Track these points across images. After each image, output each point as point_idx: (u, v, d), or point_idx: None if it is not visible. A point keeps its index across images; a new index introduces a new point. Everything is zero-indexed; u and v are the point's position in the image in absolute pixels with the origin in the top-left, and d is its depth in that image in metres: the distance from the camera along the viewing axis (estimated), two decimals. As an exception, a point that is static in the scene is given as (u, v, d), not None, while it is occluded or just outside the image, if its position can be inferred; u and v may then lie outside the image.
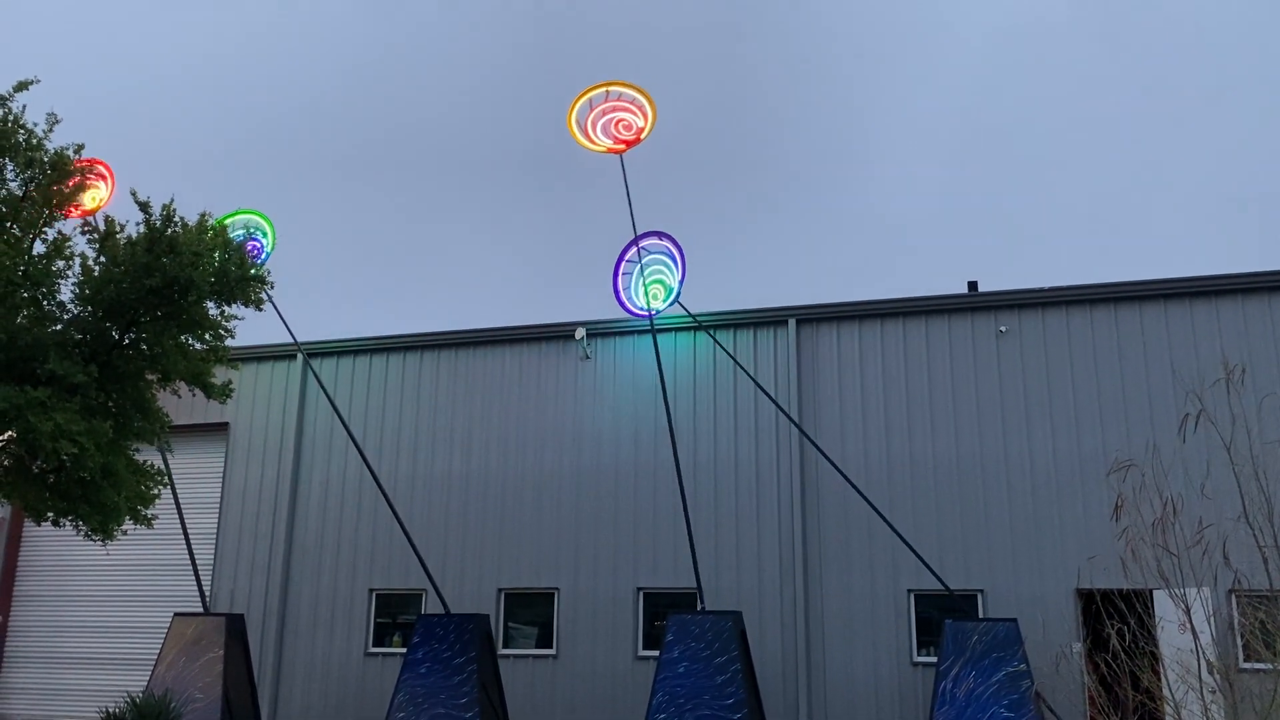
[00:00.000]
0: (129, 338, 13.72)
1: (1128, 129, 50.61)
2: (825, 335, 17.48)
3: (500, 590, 17.91)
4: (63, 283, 13.52)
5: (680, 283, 17.31)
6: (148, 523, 14.16)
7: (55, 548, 20.19)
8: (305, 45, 57.32)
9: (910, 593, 16.01)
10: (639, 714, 15.70)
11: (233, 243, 14.19)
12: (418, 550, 16.68)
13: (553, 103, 54.15)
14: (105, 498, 13.19)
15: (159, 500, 14.42)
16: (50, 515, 13.60)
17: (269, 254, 17.76)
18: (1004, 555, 15.71)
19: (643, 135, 17.33)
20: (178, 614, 17.05)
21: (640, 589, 17.29)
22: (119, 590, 20.03)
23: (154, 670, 16.46)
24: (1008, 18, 52.43)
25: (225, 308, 14.19)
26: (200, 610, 17.57)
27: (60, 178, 13.40)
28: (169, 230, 13.29)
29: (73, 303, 13.66)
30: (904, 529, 15.69)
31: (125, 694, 15.44)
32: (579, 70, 51.59)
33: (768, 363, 17.54)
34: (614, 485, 17.74)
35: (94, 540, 13.96)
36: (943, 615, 15.23)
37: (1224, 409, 7.28)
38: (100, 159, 16.63)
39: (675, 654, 14.62)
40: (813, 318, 17.57)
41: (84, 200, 16.10)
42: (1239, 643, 12.07)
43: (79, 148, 13.80)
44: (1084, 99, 51.57)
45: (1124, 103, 50.45)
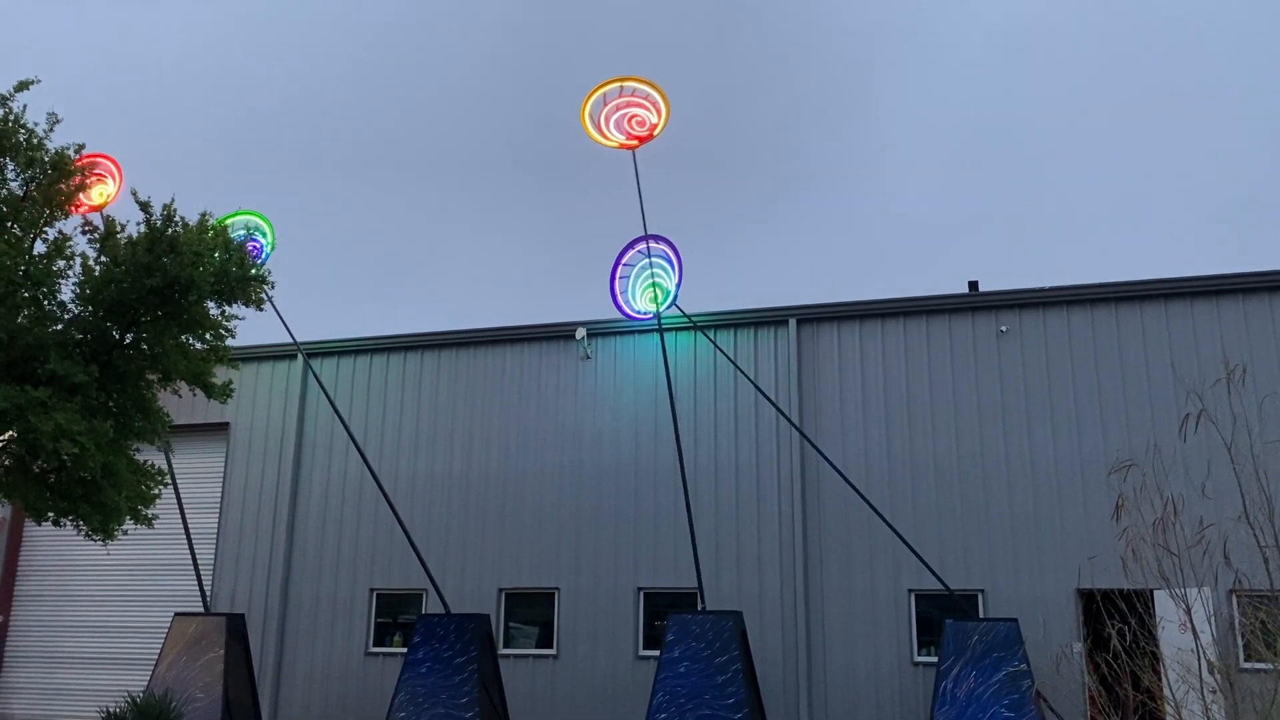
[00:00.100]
0: (129, 337, 13.72)
1: (1128, 129, 50.65)
2: (826, 335, 17.48)
3: (501, 590, 17.91)
4: (63, 282, 13.54)
5: (677, 286, 17.29)
6: (148, 522, 14.18)
7: (56, 547, 20.19)
8: (305, 45, 57.38)
9: (911, 592, 16.01)
10: (639, 714, 15.71)
11: (233, 243, 14.19)
12: (418, 550, 16.69)
13: (553, 102, 54.16)
14: (106, 497, 13.21)
15: (159, 500, 14.44)
16: (51, 515, 13.60)
17: (269, 254, 17.77)
18: (1004, 555, 15.71)
19: (656, 132, 17.20)
20: (178, 614, 17.07)
21: (641, 589, 17.29)
22: (119, 590, 20.03)
23: (155, 670, 16.47)
24: (1009, 17, 52.47)
25: (226, 308, 14.22)
26: (201, 610, 17.58)
27: (61, 177, 13.41)
28: (169, 230, 13.31)
29: (73, 302, 13.66)
30: (904, 528, 15.70)
31: (126, 694, 15.45)
32: (579, 69, 51.56)
33: (768, 362, 17.54)
34: (615, 485, 17.74)
35: (94, 540, 13.97)
36: (943, 615, 15.23)
37: (1225, 409, 7.27)
38: (108, 155, 16.72)
39: (676, 654, 14.63)
40: (813, 317, 17.57)
41: (92, 195, 16.21)
42: (1240, 643, 12.06)
43: (79, 147, 13.83)
44: (1085, 99, 51.61)
45: (1124, 103, 50.47)
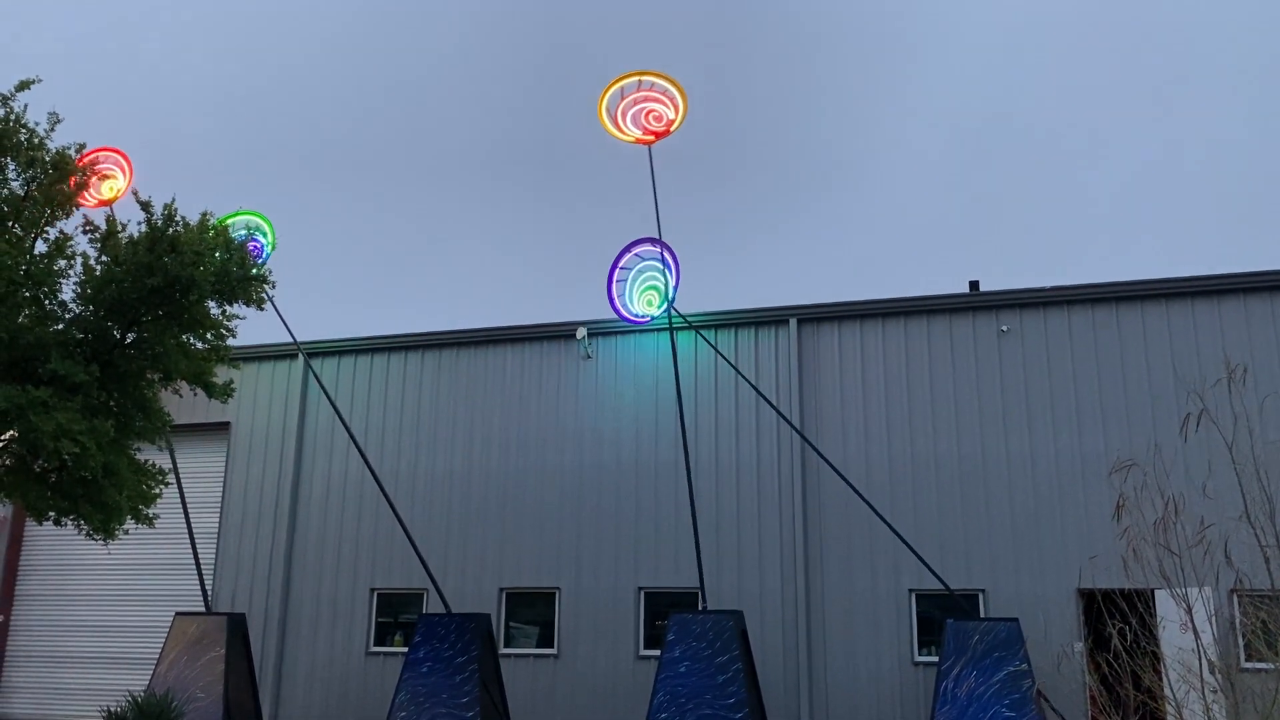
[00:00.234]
0: (130, 337, 13.74)
1: (1129, 129, 50.63)
2: (826, 335, 17.48)
3: (501, 590, 17.91)
4: (64, 282, 13.57)
5: (674, 288, 17.24)
6: (149, 522, 14.19)
7: (56, 547, 20.20)
8: (305, 45, 57.38)
9: (912, 592, 16.01)
10: (640, 713, 15.70)
11: (234, 242, 14.21)
12: (419, 550, 16.69)
13: (554, 102, 54.16)
14: (107, 497, 13.22)
15: (160, 499, 14.45)
16: (52, 514, 13.61)
17: (269, 254, 17.78)
18: (1005, 555, 15.70)
19: (672, 127, 17.15)
20: (179, 613, 17.07)
21: (641, 588, 17.29)
22: (120, 589, 20.03)
23: (155, 669, 16.47)
24: (1010, 17, 52.45)
25: (226, 307, 14.24)
26: (202, 609, 17.59)
27: (61, 177, 13.42)
28: (170, 230, 13.33)
29: (74, 302, 13.68)
30: (905, 528, 15.69)
31: (127, 693, 15.43)
32: (580, 69, 51.59)
33: (769, 362, 17.54)
34: (615, 485, 17.74)
35: (95, 540, 13.99)
36: (944, 615, 15.22)
37: (1226, 408, 7.28)
38: (118, 149, 16.77)
39: (677, 653, 14.62)
40: (814, 317, 17.56)
41: (102, 190, 16.29)
42: (1240, 642, 12.04)
43: (80, 147, 13.84)
44: (1085, 98, 51.59)
45: (1125, 103, 50.46)
